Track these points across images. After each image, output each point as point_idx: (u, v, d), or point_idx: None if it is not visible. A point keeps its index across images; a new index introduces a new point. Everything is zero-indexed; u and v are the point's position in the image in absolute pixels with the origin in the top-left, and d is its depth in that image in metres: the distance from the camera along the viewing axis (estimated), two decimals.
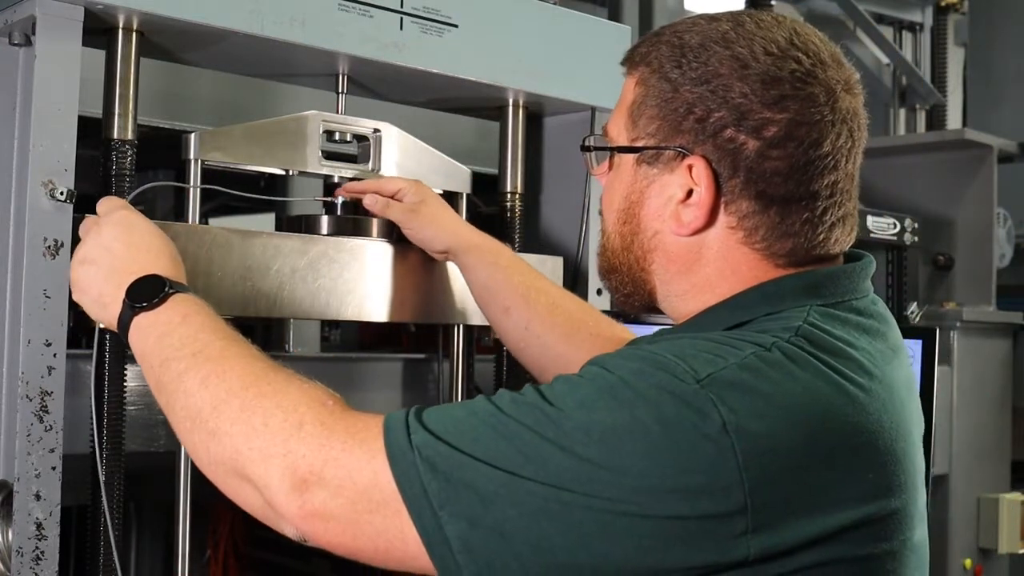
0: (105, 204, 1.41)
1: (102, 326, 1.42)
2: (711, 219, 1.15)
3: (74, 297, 1.37)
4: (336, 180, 1.83)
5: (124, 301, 1.27)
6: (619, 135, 1.22)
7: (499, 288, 1.69)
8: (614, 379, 1.02)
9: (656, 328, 1.32)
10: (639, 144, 1.18)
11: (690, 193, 1.15)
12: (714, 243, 1.16)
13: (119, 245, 1.32)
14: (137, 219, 1.37)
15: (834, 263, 1.19)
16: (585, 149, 1.29)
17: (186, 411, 1.14)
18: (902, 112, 5.49)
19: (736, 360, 1.02)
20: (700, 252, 1.17)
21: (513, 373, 2.07)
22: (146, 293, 1.25)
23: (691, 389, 0.99)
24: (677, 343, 1.07)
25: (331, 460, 1.03)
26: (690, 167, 1.14)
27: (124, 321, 1.26)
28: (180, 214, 1.71)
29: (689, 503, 0.96)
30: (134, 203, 1.48)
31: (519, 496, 0.97)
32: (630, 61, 1.22)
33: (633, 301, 1.26)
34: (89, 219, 1.40)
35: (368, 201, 1.75)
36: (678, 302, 1.21)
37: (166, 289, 1.25)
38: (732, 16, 1.18)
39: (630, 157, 1.20)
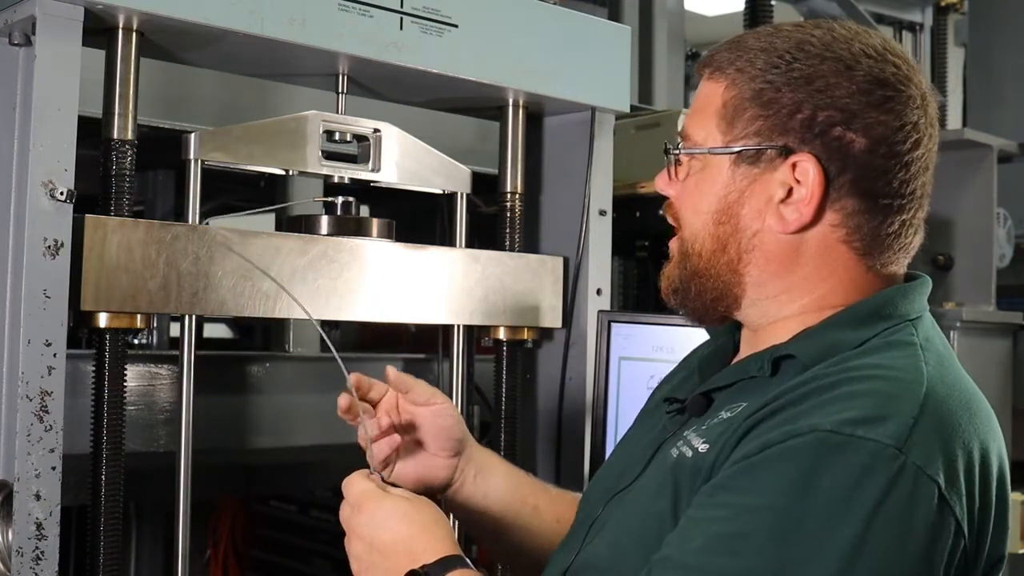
0: (351, 488, 1.27)
1: None
2: (816, 217, 1.16)
3: None
4: (336, 180, 1.83)
5: None
6: (707, 138, 1.20)
7: (521, 484, 1.53)
8: (799, 486, 1.00)
9: (657, 328, 1.28)
10: (737, 145, 1.18)
11: (790, 191, 1.16)
12: (814, 241, 1.17)
13: (374, 549, 1.22)
14: (380, 501, 1.24)
15: (900, 277, 1.22)
16: (669, 152, 1.24)
17: None
18: None
19: (913, 413, 1.03)
20: (799, 251, 1.18)
21: (513, 373, 2.07)
22: None
23: (897, 465, 0.99)
24: (833, 409, 1.04)
25: None
26: (794, 165, 1.15)
27: None
28: (180, 214, 1.71)
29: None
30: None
31: None
32: (712, 66, 1.22)
33: (716, 307, 1.22)
34: (344, 507, 1.27)
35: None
36: (770, 305, 1.21)
37: None
38: (820, 23, 1.20)
39: (725, 159, 1.19)
